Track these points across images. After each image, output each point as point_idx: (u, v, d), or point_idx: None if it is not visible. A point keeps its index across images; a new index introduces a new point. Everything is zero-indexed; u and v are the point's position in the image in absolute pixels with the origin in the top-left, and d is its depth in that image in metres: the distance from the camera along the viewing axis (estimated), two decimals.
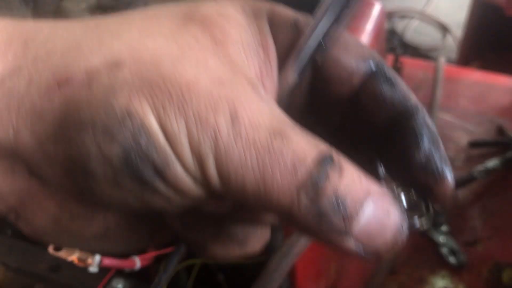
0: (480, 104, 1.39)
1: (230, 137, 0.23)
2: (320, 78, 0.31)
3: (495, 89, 1.44)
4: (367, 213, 0.24)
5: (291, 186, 0.24)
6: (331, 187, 0.24)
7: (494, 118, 1.33)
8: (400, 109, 0.30)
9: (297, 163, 0.24)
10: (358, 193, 0.24)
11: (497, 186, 1.12)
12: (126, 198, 0.25)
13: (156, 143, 0.23)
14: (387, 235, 0.25)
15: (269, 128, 0.24)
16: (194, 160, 0.24)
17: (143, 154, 0.23)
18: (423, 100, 1.47)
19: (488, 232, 1.01)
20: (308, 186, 0.24)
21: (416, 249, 0.98)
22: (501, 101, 1.39)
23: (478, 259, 0.96)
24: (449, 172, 0.29)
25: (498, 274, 0.93)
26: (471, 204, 1.08)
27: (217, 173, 0.24)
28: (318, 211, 0.24)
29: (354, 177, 0.25)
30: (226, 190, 0.25)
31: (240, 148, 0.24)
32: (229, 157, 0.23)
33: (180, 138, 0.23)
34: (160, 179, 0.24)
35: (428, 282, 0.92)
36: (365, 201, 0.24)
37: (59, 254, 0.68)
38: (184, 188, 0.25)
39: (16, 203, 0.27)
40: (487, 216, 1.05)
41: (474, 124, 1.31)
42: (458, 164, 1.19)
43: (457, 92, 1.43)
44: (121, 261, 0.69)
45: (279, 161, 0.24)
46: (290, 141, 0.24)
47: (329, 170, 0.24)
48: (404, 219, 0.26)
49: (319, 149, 0.24)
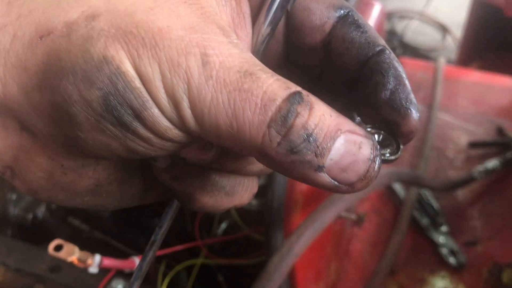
0: (479, 104, 1.39)
1: (202, 79, 0.25)
2: (294, 28, 0.33)
3: (494, 89, 1.44)
4: (338, 148, 0.26)
5: (261, 123, 0.25)
6: (300, 123, 0.25)
7: (494, 119, 1.33)
8: (368, 52, 0.32)
9: (267, 101, 0.25)
10: (329, 128, 0.25)
11: (496, 186, 1.12)
12: (110, 144, 0.26)
13: (132, 86, 0.25)
14: (359, 168, 0.26)
15: (240, 70, 0.25)
16: (169, 102, 0.25)
17: (121, 98, 0.25)
18: (423, 100, 1.48)
19: (487, 233, 1.01)
20: (278, 123, 0.25)
21: (416, 250, 0.98)
22: (501, 101, 1.39)
23: (477, 260, 0.96)
24: (413, 108, 0.31)
25: (497, 274, 0.93)
26: (471, 205, 1.08)
27: (192, 114, 0.25)
28: (290, 147, 0.25)
29: (324, 113, 0.26)
30: (202, 131, 0.26)
31: (212, 89, 0.25)
32: (201, 98, 0.25)
33: (155, 81, 0.25)
34: (139, 122, 0.26)
35: (428, 283, 0.92)
36: (336, 135, 0.26)
37: (59, 254, 0.68)
38: (163, 130, 0.26)
39: (10, 160, 0.28)
40: (486, 217, 1.05)
41: (473, 125, 1.31)
42: (458, 164, 1.19)
43: (456, 92, 1.43)
44: (120, 261, 0.69)
45: (249, 100, 0.25)
46: (260, 82, 0.25)
47: (298, 107, 0.25)
48: (376, 152, 0.27)
49: (288, 88, 0.25)
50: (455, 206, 1.07)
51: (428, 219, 1.01)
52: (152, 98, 0.25)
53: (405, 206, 1.02)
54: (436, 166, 1.18)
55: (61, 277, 0.75)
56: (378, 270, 0.91)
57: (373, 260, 0.94)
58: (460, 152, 1.23)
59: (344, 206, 0.64)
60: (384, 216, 1.05)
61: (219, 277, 0.82)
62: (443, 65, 1.48)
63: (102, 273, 0.71)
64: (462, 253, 0.95)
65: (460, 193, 1.11)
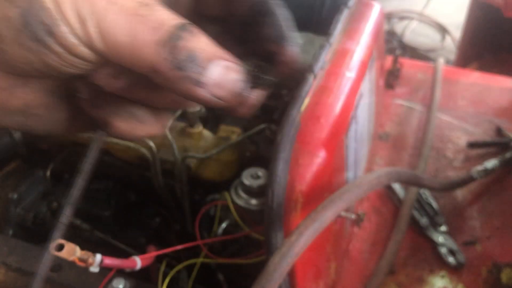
0: (478, 105, 1.39)
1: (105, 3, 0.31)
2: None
3: (493, 90, 1.44)
4: (215, 68, 0.33)
5: (153, 43, 0.31)
6: (185, 45, 0.32)
7: (493, 119, 1.33)
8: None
9: (159, 26, 0.31)
10: (208, 53, 0.33)
11: (496, 186, 1.13)
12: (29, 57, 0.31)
13: (45, 6, 0.30)
14: (231, 86, 0.34)
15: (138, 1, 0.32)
16: (77, 21, 0.31)
17: (36, 16, 0.30)
18: (422, 101, 1.48)
19: (487, 232, 1.02)
20: (168, 43, 0.31)
21: (415, 249, 0.98)
22: (500, 102, 1.40)
23: (477, 259, 0.96)
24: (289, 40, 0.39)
25: (497, 274, 0.94)
26: (470, 204, 1.09)
27: (98, 33, 0.31)
28: (177, 64, 0.31)
29: (205, 42, 0.33)
30: (106, 49, 0.32)
31: (114, 11, 0.31)
32: (104, 19, 0.31)
33: (64, 3, 0.30)
34: (51, 38, 0.31)
35: (427, 282, 0.92)
36: (213, 58, 0.33)
37: (60, 254, 0.68)
38: (71, 46, 0.31)
39: None
40: (486, 216, 1.05)
41: (473, 125, 1.32)
42: (457, 164, 1.19)
43: (456, 93, 1.44)
44: (121, 261, 0.69)
45: (144, 23, 0.31)
46: (155, 10, 0.32)
47: (184, 33, 0.32)
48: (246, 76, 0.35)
49: (178, 19, 0.32)
50: (455, 206, 1.08)
51: (428, 219, 1.02)
52: (62, 17, 0.30)
53: (405, 206, 1.02)
54: (435, 166, 1.18)
55: (62, 276, 0.75)
56: (378, 269, 0.91)
57: (373, 259, 0.95)
58: (460, 152, 1.23)
59: (344, 206, 0.65)
60: (384, 215, 1.05)
61: (219, 276, 0.82)
62: (442, 66, 1.49)
63: (103, 273, 0.71)
64: (461, 252, 0.96)
65: (459, 193, 1.11)
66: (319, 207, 0.63)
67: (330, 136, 0.77)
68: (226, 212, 0.78)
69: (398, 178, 0.78)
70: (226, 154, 0.86)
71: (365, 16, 1.08)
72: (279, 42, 0.39)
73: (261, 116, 0.95)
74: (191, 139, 0.88)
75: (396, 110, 1.39)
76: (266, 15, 0.40)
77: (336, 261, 0.84)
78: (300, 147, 0.73)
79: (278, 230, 0.65)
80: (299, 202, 0.69)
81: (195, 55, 0.32)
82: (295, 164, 0.71)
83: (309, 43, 1.00)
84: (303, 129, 0.75)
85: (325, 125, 0.77)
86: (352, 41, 0.98)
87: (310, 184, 0.71)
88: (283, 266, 0.57)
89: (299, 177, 0.70)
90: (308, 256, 0.71)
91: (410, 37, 3.24)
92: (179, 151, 0.84)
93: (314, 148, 0.73)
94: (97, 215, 0.96)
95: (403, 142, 1.26)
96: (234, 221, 0.77)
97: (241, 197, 0.76)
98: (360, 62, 0.96)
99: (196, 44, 0.32)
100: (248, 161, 0.89)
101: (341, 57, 0.93)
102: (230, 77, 0.34)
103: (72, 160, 0.99)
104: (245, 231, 0.76)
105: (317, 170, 0.72)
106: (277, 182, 0.66)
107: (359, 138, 0.96)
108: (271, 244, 0.64)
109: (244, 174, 0.77)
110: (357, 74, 0.92)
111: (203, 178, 0.87)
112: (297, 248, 0.58)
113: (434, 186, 0.92)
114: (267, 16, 0.39)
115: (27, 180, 1.03)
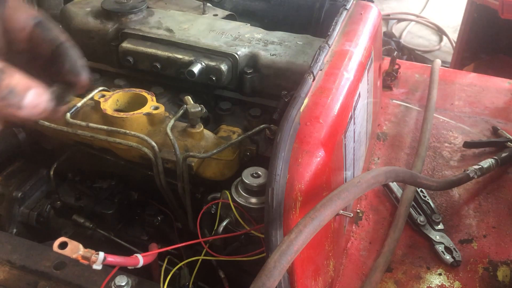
0: (475, 105, 1.41)
1: None
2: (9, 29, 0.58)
3: (489, 91, 1.46)
4: (29, 95, 0.51)
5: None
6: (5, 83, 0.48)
7: (489, 119, 1.35)
8: (55, 43, 0.59)
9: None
10: (23, 85, 0.50)
11: (492, 185, 1.14)
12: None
13: None
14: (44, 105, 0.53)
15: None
16: None
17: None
18: (420, 101, 1.49)
19: (483, 231, 1.03)
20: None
21: (412, 247, 0.99)
22: (496, 102, 1.42)
23: (473, 257, 0.97)
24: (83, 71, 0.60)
25: (493, 271, 0.95)
26: (467, 203, 1.10)
27: None
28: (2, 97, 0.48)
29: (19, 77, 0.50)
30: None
31: None
32: None
33: None
34: None
35: (424, 280, 0.93)
36: (28, 89, 0.51)
37: (64, 252, 0.69)
38: None
39: None
40: (482, 215, 1.07)
41: (469, 125, 1.33)
42: (454, 163, 1.21)
43: (452, 93, 1.45)
44: (124, 258, 0.70)
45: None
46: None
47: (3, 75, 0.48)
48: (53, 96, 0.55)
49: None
50: (451, 205, 1.09)
51: (425, 217, 1.03)
52: None
53: (402, 204, 1.03)
54: (432, 166, 1.20)
55: (65, 274, 0.76)
56: (375, 267, 0.92)
57: (371, 257, 0.96)
58: (456, 151, 1.25)
59: (342, 205, 0.66)
60: (381, 214, 1.07)
61: (220, 273, 0.83)
62: (439, 67, 1.50)
63: (106, 270, 0.72)
64: (458, 250, 0.97)
65: (456, 191, 1.13)
66: (318, 206, 0.64)
67: (329, 136, 0.78)
68: (226, 210, 0.79)
69: (396, 177, 0.79)
70: (226, 154, 0.87)
71: (363, 18, 1.09)
72: (75, 75, 0.59)
73: (261, 116, 0.97)
74: (193, 139, 0.89)
75: (394, 110, 1.40)
76: (63, 56, 0.59)
77: (334, 259, 0.85)
78: (300, 146, 0.74)
79: (278, 228, 0.66)
80: (298, 201, 0.70)
81: (14, 89, 0.49)
82: (295, 164, 0.72)
83: (308, 44, 1.01)
84: (303, 129, 0.76)
85: (324, 125, 0.78)
86: (350, 43, 0.99)
87: (309, 183, 0.72)
88: (283, 263, 0.58)
89: (298, 176, 0.71)
90: (307, 253, 0.72)
91: (407, 39, 3.26)
92: (181, 151, 0.85)
93: (313, 148, 0.75)
94: (100, 213, 0.97)
95: (400, 141, 1.28)
96: (234, 219, 0.78)
97: (241, 196, 0.77)
98: (359, 63, 0.97)
99: (13, 80, 0.49)
100: (248, 160, 0.90)
101: (339, 59, 0.94)
102: (42, 99, 0.53)
103: (75, 160, 1.00)
104: (246, 229, 0.77)
105: (316, 169, 0.73)
106: (276, 181, 0.67)
107: (357, 137, 0.98)
108: (271, 242, 0.65)
109: (245, 173, 0.78)
110: (356, 75, 0.94)
111: (204, 177, 0.88)
112: (297, 245, 0.60)
113: (431, 185, 0.93)
114: (64, 57, 0.59)
115: (31, 179, 1.04)
